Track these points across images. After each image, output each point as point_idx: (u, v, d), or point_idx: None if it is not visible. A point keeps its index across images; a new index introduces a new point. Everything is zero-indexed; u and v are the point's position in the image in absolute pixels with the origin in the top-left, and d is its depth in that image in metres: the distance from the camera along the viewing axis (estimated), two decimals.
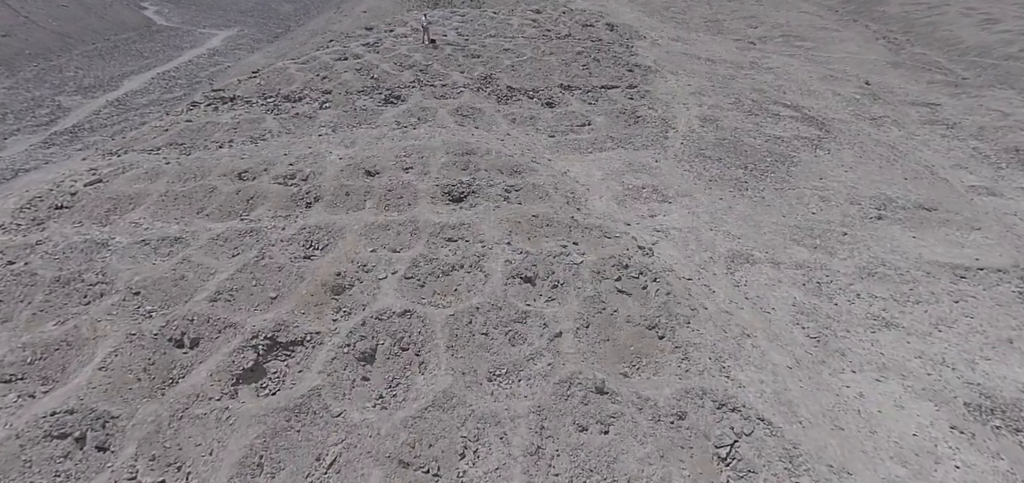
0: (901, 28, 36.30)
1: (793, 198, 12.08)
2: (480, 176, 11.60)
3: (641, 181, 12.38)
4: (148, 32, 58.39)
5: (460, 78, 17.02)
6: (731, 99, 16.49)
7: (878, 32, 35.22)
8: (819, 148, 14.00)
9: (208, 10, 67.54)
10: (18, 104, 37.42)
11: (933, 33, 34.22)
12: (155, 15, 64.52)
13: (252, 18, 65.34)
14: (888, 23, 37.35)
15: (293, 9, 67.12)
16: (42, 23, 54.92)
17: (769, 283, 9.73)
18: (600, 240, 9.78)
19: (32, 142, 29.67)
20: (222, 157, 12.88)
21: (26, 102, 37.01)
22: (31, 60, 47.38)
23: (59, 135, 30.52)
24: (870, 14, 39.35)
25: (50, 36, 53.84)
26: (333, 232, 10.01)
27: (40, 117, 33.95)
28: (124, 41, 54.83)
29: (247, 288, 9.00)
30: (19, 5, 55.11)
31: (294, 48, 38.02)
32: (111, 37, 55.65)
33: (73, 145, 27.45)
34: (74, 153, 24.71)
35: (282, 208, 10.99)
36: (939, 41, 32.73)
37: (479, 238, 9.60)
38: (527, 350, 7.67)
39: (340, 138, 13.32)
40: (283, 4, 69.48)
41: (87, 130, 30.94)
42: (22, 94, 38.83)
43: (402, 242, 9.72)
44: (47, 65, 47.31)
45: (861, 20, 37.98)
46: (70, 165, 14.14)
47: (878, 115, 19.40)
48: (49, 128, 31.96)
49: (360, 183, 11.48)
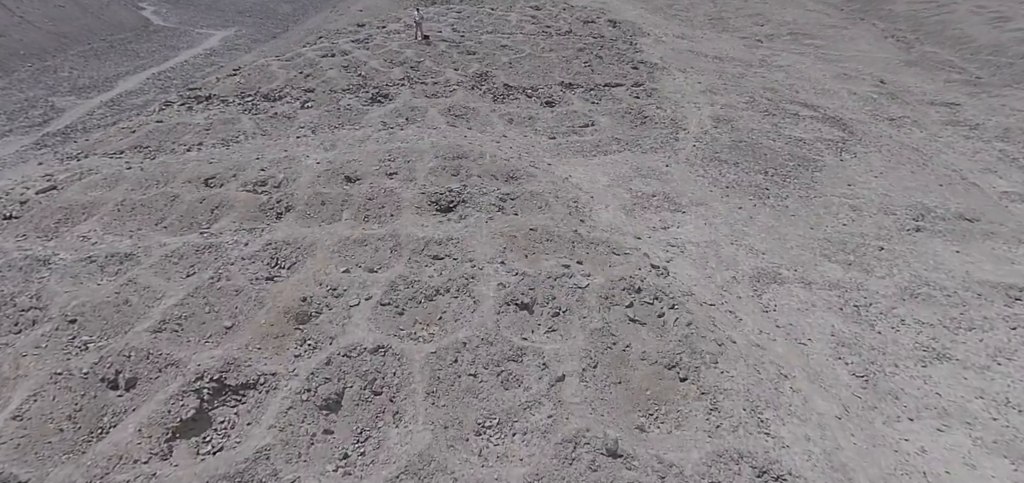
0: (909, 27, 34.87)
1: (820, 207, 10.67)
2: (472, 183, 10.21)
3: (651, 188, 10.98)
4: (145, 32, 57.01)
5: (454, 75, 15.62)
6: (745, 98, 15.09)
7: (886, 30, 33.79)
8: (845, 151, 12.59)
9: (206, 10, 66.13)
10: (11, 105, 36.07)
11: (943, 31, 32.80)
12: (152, 15, 63.12)
13: (250, 18, 63.95)
14: (896, 21, 35.90)
15: (292, 9, 65.73)
16: (38, 23, 53.53)
17: (802, 307, 8.33)
18: (607, 257, 8.39)
19: (24, 143, 28.40)
20: (189, 162, 11.48)
21: (19, 103, 35.74)
22: (26, 60, 46.03)
23: (52, 136, 29.29)
24: (877, 12, 37.89)
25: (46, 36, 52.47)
26: (302, 248, 8.62)
27: (33, 118, 32.69)
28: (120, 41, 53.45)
29: (198, 315, 7.61)
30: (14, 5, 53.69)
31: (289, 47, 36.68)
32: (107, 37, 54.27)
33: (65, 147, 26.22)
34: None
35: (248, 219, 9.59)
36: (950, 39, 31.31)
37: (469, 256, 8.20)
38: (523, 396, 6.28)
39: (320, 140, 11.93)
40: (281, 4, 68.06)
41: (80, 131, 29.64)
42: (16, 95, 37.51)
43: (380, 260, 8.33)
44: (42, 65, 45.99)
45: (868, 18, 36.53)
46: (25, 170, 12.76)
47: (897, 115, 17.99)
48: (42, 129, 30.69)
49: (338, 191, 10.08)
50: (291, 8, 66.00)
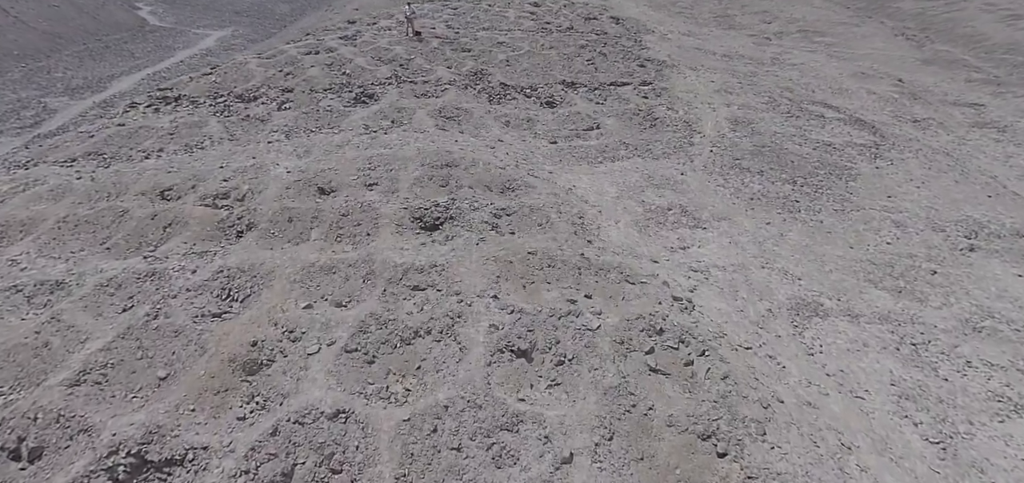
0: (918, 25, 33.35)
1: (859, 222, 9.21)
2: (462, 196, 8.75)
3: (666, 199, 9.52)
4: (141, 32, 55.52)
5: (446, 74, 14.15)
6: (764, 98, 13.62)
7: (895, 28, 32.27)
8: (879, 157, 11.13)
9: (203, 10, 64.60)
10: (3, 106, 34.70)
11: (954, 30, 31.30)
12: (149, 15, 61.62)
13: (247, 18, 62.45)
14: (904, 19, 34.38)
15: (289, 9, 64.17)
16: (32, 23, 52.00)
17: (852, 347, 6.88)
18: (620, 287, 6.94)
19: (14, 145, 27.12)
20: (145, 171, 10.02)
21: (11, 104, 34.41)
22: (19, 61, 44.61)
23: (43, 138, 27.99)
24: (884, 10, 36.34)
25: (40, 36, 50.98)
26: (259, 277, 7.16)
27: (25, 119, 31.39)
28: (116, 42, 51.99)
29: (127, 363, 6.16)
30: (9, 5, 52.15)
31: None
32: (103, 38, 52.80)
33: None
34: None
35: (202, 239, 8.13)
36: (962, 38, 29.82)
37: (455, 287, 6.75)
38: (521, 479, 4.84)
39: (293, 146, 10.46)
40: (279, 4, 66.50)
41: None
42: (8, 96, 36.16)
43: (350, 292, 6.87)
44: (36, 66, 44.58)
45: (875, 16, 34.98)
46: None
47: (921, 117, 16.50)
48: (33, 130, 29.41)
49: (308, 205, 8.63)
50: (289, 8, 64.45)
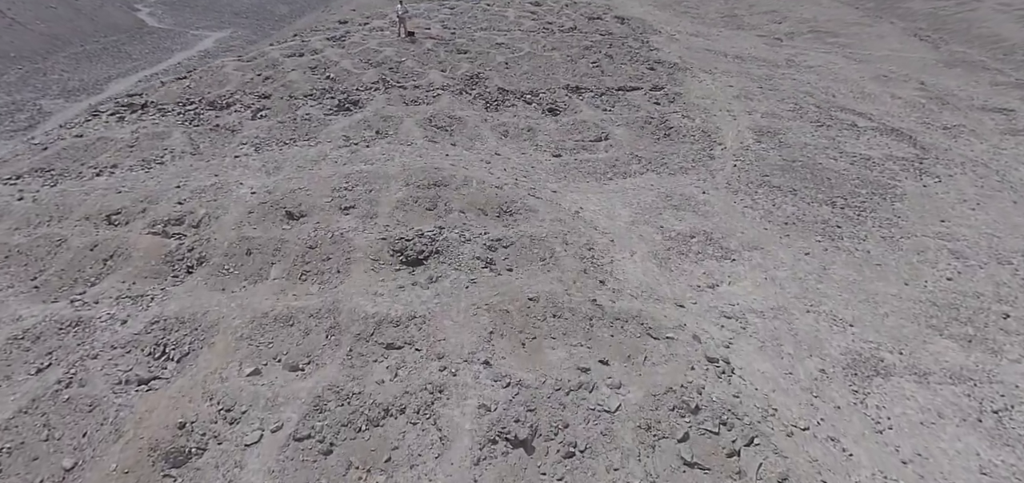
0: (930, 25, 31.86)
1: (912, 253, 7.81)
2: (451, 222, 7.37)
3: (687, 224, 8.13)
4: (139, 34, 54.27)
5: (439, 78, 12.75)
6: (788, 105, 12.20)
7: (907, 29, 30.78)
8: (924, 173, 9.72)
9: (203, 12, 63.27)
10: None
11: (969, 30, 29.83)
12: (147, 17, 60.33)
13: (247, 19, 61.12)
14: (916, 19, 32.86)
15: (289, 10, 62.79)
16: (29, 25, 50.74)
17: (925, 420, 5.49)
18: (642, 345, 5.55)
19: (6, 148, 25.95)
20: (94, 190, 8.65)
21: (5, 106, 33.21)
22: (15, 63, 43.40)
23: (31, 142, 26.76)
24: (895, 10, 34.80)
25: (37, 38, 49.73)
26: (201, 329, 5.79)
27: (19, 122, 30.23)
28: (113, 43, 50.75)
29: (28, 447, 4.81)
30: (5, 7, 50.88)
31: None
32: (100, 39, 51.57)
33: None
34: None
35: (144, 277, 6.77)
36: (978, 38, 28.35)
37: (438, 347, 5.37)
38: None
39: (263, 160, 9.07)
40: (279, 5, 65.14)
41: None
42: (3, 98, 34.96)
43: (309, 351, 5.50)
44: (32, 68, 43.37)
45: (886, 17, 33.47)
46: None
47: (951, 123, 15.07)
48: (27, 133, 28.21)
49: (271, 233, 7.25)
50: (288, 9, 63.07)
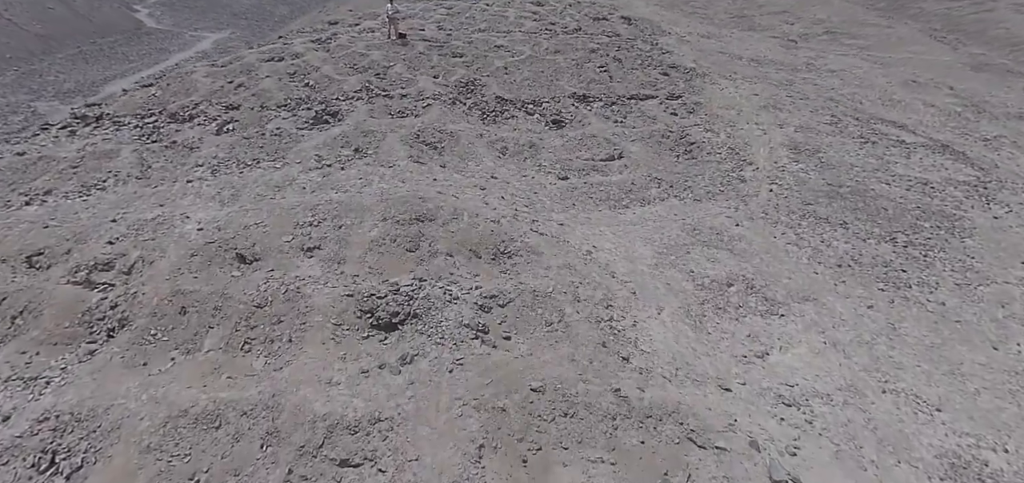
0: (945, 26, 30.21)
1: (995, 305, 6.27)
2: (435, 270, 5.85)
3: (723, 268, 6.60)
4: (137, 35, 52.90)
5: (430, 85, 11.21)
6: (825, 117, 10.62)
7: (922, 29, 29.15)
8: (991, 200, 8.17)
9: (201, 13, 61.81)
10: None
11: (986, 31, 28.21)
12: (146, 18, 58.91)
13: (245, 20, 59.69)
14: (929, 20, 31.18)
15: (288, 11, 61.28)
16: (26, 26, 49.40)
17: None
18: (684, 458, 4.04)
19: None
20: (19, 224, 7.14)
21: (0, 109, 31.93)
22: (11, 64, 42.12)
23: None
24: (907, 11, 33.12)
25: (33, 39, 48.42)
26: (99, 433, 4.28)
27: (12, 124, 28.95)
28: (110, 44, 49.34)
29: None
30: (2, 7, 49.50)
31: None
32: (98, 40, 50.21)
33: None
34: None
35: (51, 345, 5.27)
36: (995, 40, 26.75)
37: (408, 472, 3.86)
38: None
39: (218, 186, 7.56)
40: (279, 6, 63.62)
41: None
42: None
43: (235, 470, 4.00)
44: (28, 69, 42.08)
45: (899, 16, 31.83)
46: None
47: (990, 135, 13.49)
48: (20, 135, 26.89)
49: (214, 286, 5.74)
50: (288, 9, 61.55)
